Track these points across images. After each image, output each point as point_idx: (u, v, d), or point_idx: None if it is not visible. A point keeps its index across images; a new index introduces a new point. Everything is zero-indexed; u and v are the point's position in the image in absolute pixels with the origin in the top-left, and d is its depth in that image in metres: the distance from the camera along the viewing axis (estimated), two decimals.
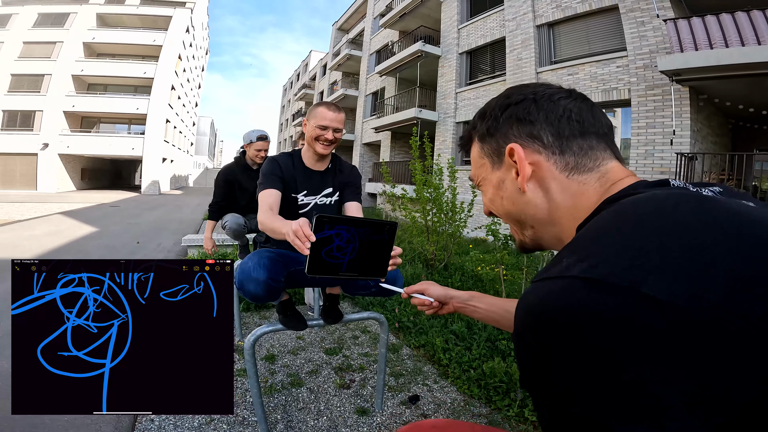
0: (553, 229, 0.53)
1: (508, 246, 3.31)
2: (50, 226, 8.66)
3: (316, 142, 1.70)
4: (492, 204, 0.61)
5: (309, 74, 34.45)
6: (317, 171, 1.82)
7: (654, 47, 7.40)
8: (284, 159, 1.78)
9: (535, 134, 0.52)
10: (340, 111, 1.74)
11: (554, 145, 0.51)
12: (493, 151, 0.57)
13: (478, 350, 2.59)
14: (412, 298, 0.98)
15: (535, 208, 0.53)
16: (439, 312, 0.98)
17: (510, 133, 0.54)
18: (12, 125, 21.95)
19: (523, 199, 0.54)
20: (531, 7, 9.99)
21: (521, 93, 0.55)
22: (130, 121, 25.02)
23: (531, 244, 0.59)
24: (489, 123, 0.57)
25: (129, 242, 7.27)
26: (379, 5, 19.57)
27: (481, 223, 7.03)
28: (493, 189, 0.59)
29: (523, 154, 0.51)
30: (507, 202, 0.57)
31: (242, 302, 3.39)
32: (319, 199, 1.82)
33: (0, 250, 5.89)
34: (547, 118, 0.51)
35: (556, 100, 0.52)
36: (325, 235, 0.93)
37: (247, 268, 1.45)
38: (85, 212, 11.78)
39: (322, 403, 2.18)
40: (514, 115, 0.54)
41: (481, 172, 0.61)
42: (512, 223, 0.60)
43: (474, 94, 11.65)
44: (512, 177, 0.54)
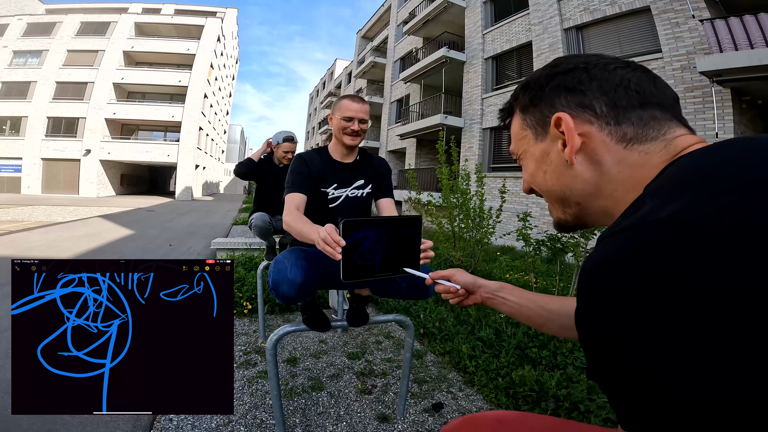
0: (602, 203, 0.50)
1: (540, 252, 3.22)
2: (89, 228, 9.11)
3: (344, 134, 1.68)
4: (534, 179, 0.57)
5: (334, 82, 34.97)
6: (346, 163, 1.77)
7: (691, 48, 7.12)
8: (311, 155, 1.75)
9: (587, 104, 0.48)
10: (364, 102, 1.72)
11: (608, 115, 0.47)
12: (536, 122, 0.54)
13: (506, 358, 2.53)
14: (437, 284, 0.93)
15: (584, 182, 0.49)
16: (465, 302, 0.92)
17: (557, 102, 0.51)
18: (56, 132, 23.18)
19: (569, 172, 0.50)
20: (558, 11, 9.81)
21: (571, 62, 0.52)
22: (166, 128, 26.08)
23: (573, 222, 0.55)
24: (533, 93, 0.54)
25: (163, 245, 7.55)
26: (402, 13, 19.73)
27: (509, 230, 6.85)
28: (535, 162, 0.56)
29: (572, 124, 0.48)
30: (550, 177, 0.54)
31: (267, 304, 3.45)
32: (350, 192, 1.77)
33: (41, 250, 6.23)
34: (601, 87, 0.48)
35: (611, 69, 0.49)
36: (354, 238, 0.92)
37: (283, 268, 1.37)
38: (122, 216, 12.33)
39: (342, 408, 2.17)
40: (562, 85, 0.51)
41: (522, 144, 0.58)
42: (553, 201, 0.56)
43: (501, 100, 11.50)
44: (558, 149, 0.51)
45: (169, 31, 26.97)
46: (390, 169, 1.91)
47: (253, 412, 2.07)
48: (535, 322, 0.81)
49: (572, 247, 2.97)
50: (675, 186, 0.36)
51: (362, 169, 1.80)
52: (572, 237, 2.96)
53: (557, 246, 2.98)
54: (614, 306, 0.32)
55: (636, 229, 0.34)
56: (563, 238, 3.01)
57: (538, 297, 0.82)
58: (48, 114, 22.99)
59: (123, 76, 24.11)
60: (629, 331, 0.31)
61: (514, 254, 6.79)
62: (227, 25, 32.09)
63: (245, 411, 2.07)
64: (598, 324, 0.34)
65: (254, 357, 2.74)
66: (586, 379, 2.21)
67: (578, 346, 2.65)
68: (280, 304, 3.69)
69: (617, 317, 0.32)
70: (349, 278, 0.94)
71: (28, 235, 7.68)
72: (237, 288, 3.76)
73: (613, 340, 0.33)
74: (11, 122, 23.17)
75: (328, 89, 37.09)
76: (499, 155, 11.77)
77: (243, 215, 13.63)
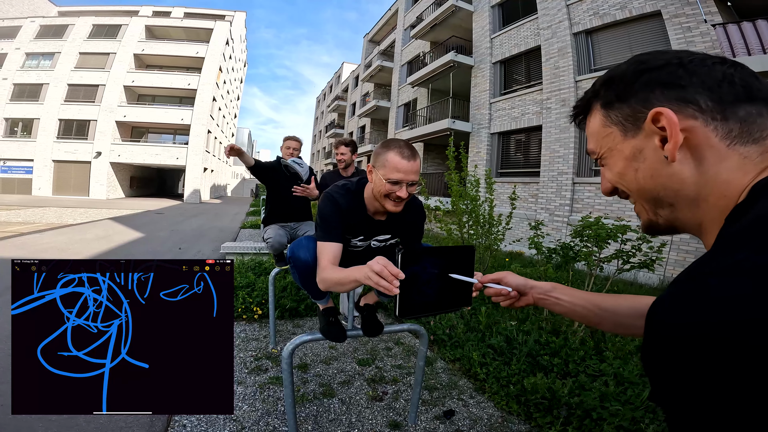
0: (696, 210, 0.48)
1: (551, 259, 3.20)
2: (99, 230, 9.21)
3: (386, 199, 1.41)
4: (621, 178, 0.54)
5: (341, 86, 35.13)
6: (378, 220, 1.59)
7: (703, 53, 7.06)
8: (345, 200, 1.51)
9: (689, 98, 0.45)
10: (415, 157, 1.39)
11: (714, 110, 0.45)
12: (625, 118, 0.51)
13: (518, 365, 2.52)
14: (486, 288, 0.90)
15: (681, 182, 0.47)
16: (516, 304, 0.90)
17: (652, 97, 0.48)
18: (68, 134, 23.49)
19: (667, 170, 0.47)
20: (566, 15, 9.78)
21: (660, 57, 0.49)
22: (175, 131, 26.31)
23: (665, 225, 0.53)
24: (620, 88, 0.52)
25: (172, 248, 7.61)
26: (409, 16, 19.77)
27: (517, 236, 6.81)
28: (624, 160, 0.53)
29: (675, 119, 0.45)
30: (644, 175, 0.51)
31: (277, 309, 3.46)
32: (372, 242, 1.64)
33: (52, 253, 6.31)
34: (703, 83, 0.45)
35: (710, 64, 0.46)
36: (411, 271, 0.88)
37: (299, 240, 1.57)
38: (132, 218, 12.46)
39: (354, 415, 2.17)
40: (656, 80, 0.48)
41: (606, 142, 0.55)
42: (644, 201, 0.53)
43: (509, 104, 11.48)
44: (654, 145, 0.48)
45: (179, 34, 27.29)
46: (424, 215, 1.70)
47: (265, 418, 2.08)
48: (590, 321, 0.81)
49: (585, 256, 2.96)
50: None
51: (394, 225, 1.62)
52: (585, 246, 2.95)
53: (569, 254, 2.97)
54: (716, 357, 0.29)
55: (753, 275, 0.30)
56: (576, 247, 2.99)
57: (592, 296, 0.82)
58: (60, 116, 23.31)
59: (133, 78, 24.39)
60: (729, 386, 0.28)
61: (522, 260, 6.76)
62: (235, 29, 32.40)
63: (257, 417, 2.08)
64: (692, 368, 0.31)
65: (265, 363, 2.75)
66: (598, 387, 2.20)
67: (590, 354, 2.63)
68: (290, 309, 3.70)
69: (716, 369, 0.29)
70: (405, 314, 0.89)
71: (40, 237, 7.78)
72: (247, 293, 3.78)
73: (709, 388, 0.30)
74: (23, 124, 23.54)
75: (335, 92, 37.25)
76: (507, 160, 11.73)
77: (251, 218, 13.70)
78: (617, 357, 2.56)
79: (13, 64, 23.88)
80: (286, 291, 3.89)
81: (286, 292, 3.87)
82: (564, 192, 9.18)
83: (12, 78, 23.64)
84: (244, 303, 3.66)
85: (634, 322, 0.75)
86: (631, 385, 2.24)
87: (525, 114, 10.81)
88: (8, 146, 22.88)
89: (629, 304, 0.77)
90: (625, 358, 2.56)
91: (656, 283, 6.84)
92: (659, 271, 6.87)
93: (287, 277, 4.09)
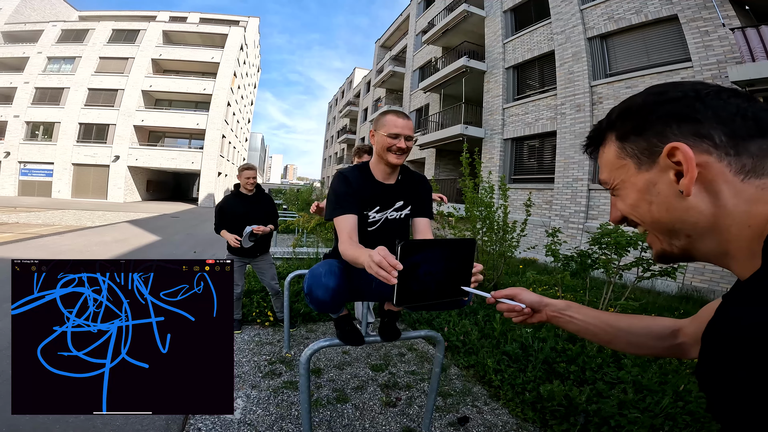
0: (716, 239, 0.49)
1: (568, 267, 3.17)
2: (117, 233, 9.40)
3: (388, 152, 1.58)
4: (634, 210, 0.55)
5: (353, 91, 35.34)
6: (389, 184, 1.70)
7: (722, 57, 6.94)
8: (353, 174, 1.66)
9: (704, 133, 0.47)
10: (408, 118, 1.62)
11: (728, 145, 0.46)
12: (640, 151, 0.52)
13: (533, 372, 2.50)
14: (499, 303, 0.91)
15: (698, 214, 0.48)
16: (529, 320, 0.91)
17: (668, 131, 0.49)
18: (87, 137, 24.01)
19: (682, 204, 0.49)
20: (581, 20, 9.71)
21: (678, 90, 0.50)
22: (190, 135, 26.71)
23: (679, 254, 0.54)
24: (636, 121, 0.53)
25: (187, 252, 7.73)
26: (421, 22, 19.83)
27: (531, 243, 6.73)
28: (637, 193, 0.54)
29: (691, 154, 0.46)
30: (658, 208, 0.52)
31: (291, 314, 3.48)
32: (389, 214, 1.71)
33: (73, 254, 6.46)
34: (718, 117, 0.47)
35: (725, 98, 0.48)
36: (410, 262, 0.90)
37: (317, 274, 1.49)
38: (149, 222, 12.70)
39: (367, 420, 2.17)
40: (673, 113, 0.49)
41: (620, 174, 0.56)
42: (659, 232, 0.54)
43: (522, 110, 11.41)
44: (669, 179, 0.49)
45: (195, 39, 27.75)
46: (431, 187, 1.83)
47: (279, 423, 2.09)
48: (602, 339, 0.83)
49: (603, 264, 2.92)
50: None
51: (404, 190, 1.72)
52: (603, 253, 2.91)
53: (587, 262, 2.93)
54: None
55: None
56: (594, 255, 2.96)
57: (606, 315, 0.84)
58: (80, 120, 23.87)
59: (151, 83, 24.85)
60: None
61: (536, 267, 6.68)
62: (249, 34, 32.88)
63: (272, 422, 2.09)
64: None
65: (279, 367, 2.77)
66: (616, 394, 2.17)
67: (608, 361, 2.59)
68: (303, 314, 3.72)
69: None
70: (402, 302, 0.91)
71: (60, 239, 7.98)
72: (261, 297, 3.81)
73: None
74: (44, 127, 24.16)
75: (347, 98, 37.50)
76: (521, 166, 11.64)
77: None
78: (635, 365, 2.52)
79: (35, 68, 24.54)
80: (300, 296, 3.92)
81: (299, 297, 3.89)
82: (579, 199, 9.06)
83: (34, 82, 24.28)
84: (258, 307, 3.69)
85: (647, 342, 0.77)
86: (650, 393, 2.20)
87: (539, 119, 10.73)
88: (29, 149, 23.50)
89: (644, 324, 0.79)
90: (644, 366, 2.52)
91: (675, 290, 6.70)
92: (678, 278, 6.73)
93: (301, 282, 4.12)
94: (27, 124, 23.94)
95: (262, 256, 3.44)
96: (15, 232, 8.40)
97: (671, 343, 0.75)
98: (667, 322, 0.77)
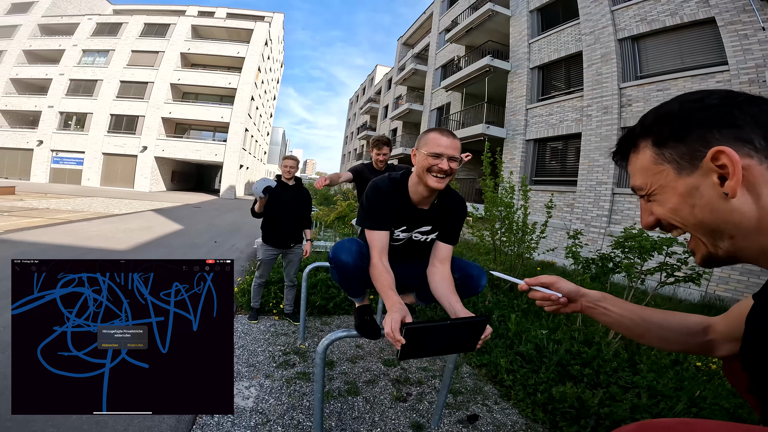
0: (761, 239, 0.50)
1: (589, 270, 3.11)
2: (142, 221, 9.69)
3: (428, 174, 1.45)
4: (675, 214, 0.57)
5: (374, 88, 35.37)
6: (421, 209, 1.60)
7: (760, 61, 6.66)
8: (390, 192, 1.56)
9: (745, 138, 0.49)
10: (455, 137, 1.47)
11: (767, 148, 0.48)
12: (680, 156, 0.54)
13: (546, 374, 2.47)
14: (533, 290, 0.89)
15: (742, 215, 0.50)
16: (563, 310, 0.89)
17: (710, 136, 0.51)
18: (118, 128, 24.83)
19: (727, 206, 0.50)
20: (611, 21, 9.45)
21: (714, 97, 0.52)
22: (215, 128, 27.35)
23: (724, 257, 0.55)
24: (675, 126, 0.54)
25: (208, 241, 7.92)
26: (444, 20, 19.66)
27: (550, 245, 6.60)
28: (678, 197, 0.55)
29: (737, 157, 0.48)
30: (702, 211, 0.53)
31: (308, 307, 3.53)
32: (414, 235, 1.65)
33: (100, 240, 6.69)
34: (756, 122, 0.49)
35: (759, 104, 0.50)
36: (415, 341, 1.05)
37: (342, 242, 1.56)
38: (172, 211, 13.04)
39: (377, 414, 2.19)
40: (714, 119, 0.51)
41: (658, 179, 0.57)
42: (702, 234, 0.56)
43: (547, 111, 11.21)
44: (712, 182, 0.51)
45: (222, 34, 28.29)
46: (465, 213, 1.70)
47: (290, 413, 2.12)
48: (634, 333, 0.82)
49: (626, 267, 2.85)
50: None
51: (436, 216, 1.63)
52: (626, 257, 2.84)
53: (609, 266, 2.87)
54: None
55: None
56: (617, 258, 2.89)
57: (640, 309, 0.83)
58: (111, 111, 24.70)
59: (179, 77, 25.50)
60: None
61: (554, 270, 6.57)
62: (274, 30, 33.26)
63: (283, 411, 2.13)
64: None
65: (293, 358, 2.81)
66: (630, 399, 2.14)
67: (623, 366, 2.54)
68: (319, 306, 3.77)
69: None
70: (403, 359, 1.09)
71: (88, 225, 8.28)
72: (279, 288, 3.88)
73: None
74: (77, 118, 25.12)
75: (368, 95, 37.58)
76: (542, 168, 11.44)
77: None
78: (651, 370, 2.46)
79: (70, 60, 25.49)
80: (317, 288, 3.97)
81: (316, 290, 3.94)
82: (602, 203, 8.86)
83: (69, 74, 25.24)
84: (275, 298, 3.76)
85: (680, 338, 0.77)
86: (664, 398, 2.16)
87: (563, 121, 10.52)
88: (61, 138, 24.44)
89: (679, 320, 0.78)
90: (660, 372, 2.46)
91: (697, 298, 6.48)
92: (702, 286, 6.51)
93: (318, 275, 4.17)
94: (60, 115, 24.88)
95: (295, 247, 3.50)
96: (45, 217, 8.76)
97: (702, 339, 0.75)
98: (698, 318, 0.78)
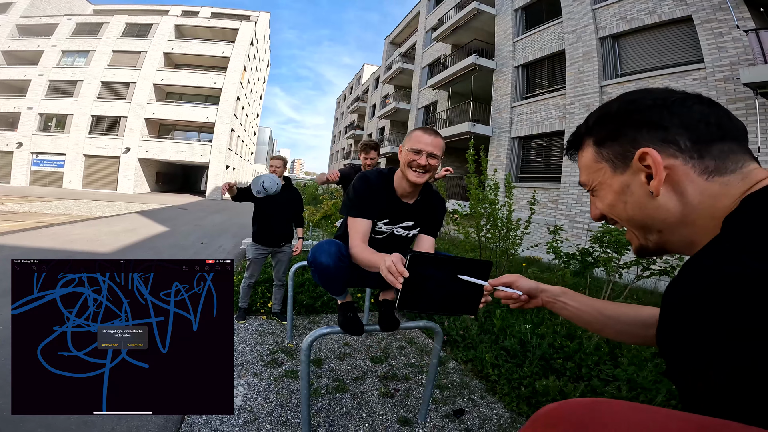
0: (684, 231, 0.53)
1: (570, 265, 3.18)
2: (127, 224, 9.54)
3: (409, 168, 1.55)
4: (611, 209, 0.60)
5: (362, 87, 35.29)
6: (405, 203, 1.69)
7: (735, 59, 6.86)
8: (378, 185, 1.64)
9: (670, 139, 0.52)
10: (438, 136, 1.56)
11: (692, 149, 0.51)
12: (615, 156, 0.57)
13: (530, 368, 2.53)
14: (497, 290, 0.94)
15: (667, 212, 0.53)
16: (526, 306, 0.95)
17: (639, 137, 0.54)
18: (99, 130, 24.23)
19: (653, 203, 0.54)
20: (592, 20, 9.63)
21: (648, 98, 0.55)
22: (200, 129, 26.87)
23: (654, 248, 0.59)
24: (611, 127, 0.57)
25: (195, 242, 7.83)
26: (431, 19, 19.76)
27: (535, 241, 6.70)
28: (614, 194, 0.59)
29: (660, 159, 0.51)
30: (632, 207, 0.57)
31: (294, 305, 3.54)
32: (396, 229, 1.72)
33: (84, 243, 6.58)
34: (682, 123, 0.52)
35: (689, 105, 0.52)
36: (419, 274, 0.94)
37: (321, 244, 1.57)
38: (157, 213, 12.84)
39: (365, 410, 2.22)
40: (644, 120, 0.54)
41: (597, 176, 0.61)
42: (634, 228, 0.59)
43: (531, 108, 11.36)
44: (640, 181, 0.54)
45: (206, 33, 27.87)
46: (445, 210, 1.82)
47: (278, 410, 2.14)
48: (593, 327, 0.85)
49: (604, 262, 2.93)
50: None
51: (418, 211, 1.72)
52: (604, 252, 2.92)
53: (588, 260, 2.95)
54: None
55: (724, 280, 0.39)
56: (595, 253, 2.97)
57: (598, 303, 0.86)
58: (92, 112, 24.12)
59: (162, 77, 25.04)
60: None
61: (540, 266, 6.68)
62: (260, 29, 32.95)
63: (271, 409, 2.15)
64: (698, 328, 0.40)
65: (281, 356, 2.82)
66: (610, 391, 2.20)
67: (605, 359, 2.62)
68: (306, 305, 3.78)
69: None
70: (403, 307, 0.96)
71: (71, 228, 8.11)
72: (266, 288, 3.87)
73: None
74: (57, 119, 24.45)
75: (355, 94, 37.48)
76: (528, 165, 11.60)
77: None
78: (632, 363, 2.54)
79: (49, 61, 24.82)
80: (304, 287, 3.97)
81: (303, 289, 3.95)
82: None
83: (48, 74, 24.58)
84: (262, 297, 3.75)
85: (635, 331, 0.79)
86: (644, 391, 2.23)
87: (547, 119, 10.68)
88: (41, 140, 23.79)
89: (633, 313, 0.80)
90: (640, 365, 2.53)
91: None
92: None
93: (305, 274, 4.17)
94: (40, 116, 24.24)
95: (285, 246, 3.50)
96: (27, 221, 8.56)
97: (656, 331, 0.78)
98: (651, 311, 0.79)
